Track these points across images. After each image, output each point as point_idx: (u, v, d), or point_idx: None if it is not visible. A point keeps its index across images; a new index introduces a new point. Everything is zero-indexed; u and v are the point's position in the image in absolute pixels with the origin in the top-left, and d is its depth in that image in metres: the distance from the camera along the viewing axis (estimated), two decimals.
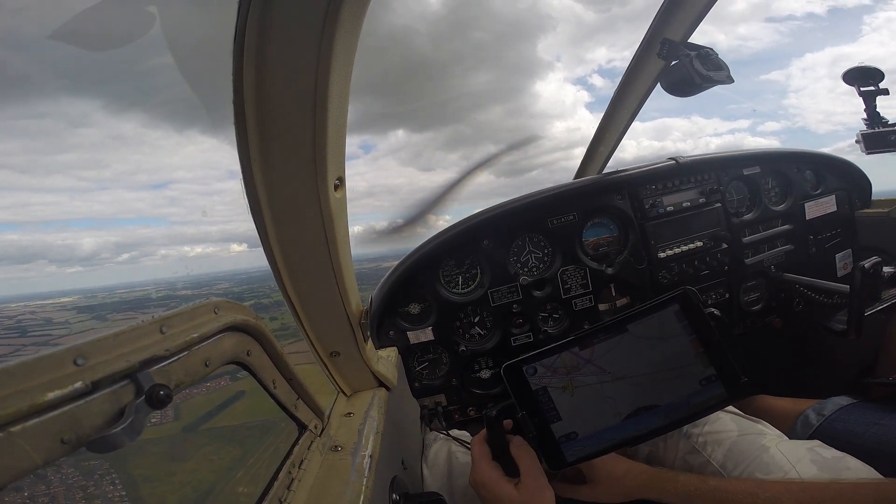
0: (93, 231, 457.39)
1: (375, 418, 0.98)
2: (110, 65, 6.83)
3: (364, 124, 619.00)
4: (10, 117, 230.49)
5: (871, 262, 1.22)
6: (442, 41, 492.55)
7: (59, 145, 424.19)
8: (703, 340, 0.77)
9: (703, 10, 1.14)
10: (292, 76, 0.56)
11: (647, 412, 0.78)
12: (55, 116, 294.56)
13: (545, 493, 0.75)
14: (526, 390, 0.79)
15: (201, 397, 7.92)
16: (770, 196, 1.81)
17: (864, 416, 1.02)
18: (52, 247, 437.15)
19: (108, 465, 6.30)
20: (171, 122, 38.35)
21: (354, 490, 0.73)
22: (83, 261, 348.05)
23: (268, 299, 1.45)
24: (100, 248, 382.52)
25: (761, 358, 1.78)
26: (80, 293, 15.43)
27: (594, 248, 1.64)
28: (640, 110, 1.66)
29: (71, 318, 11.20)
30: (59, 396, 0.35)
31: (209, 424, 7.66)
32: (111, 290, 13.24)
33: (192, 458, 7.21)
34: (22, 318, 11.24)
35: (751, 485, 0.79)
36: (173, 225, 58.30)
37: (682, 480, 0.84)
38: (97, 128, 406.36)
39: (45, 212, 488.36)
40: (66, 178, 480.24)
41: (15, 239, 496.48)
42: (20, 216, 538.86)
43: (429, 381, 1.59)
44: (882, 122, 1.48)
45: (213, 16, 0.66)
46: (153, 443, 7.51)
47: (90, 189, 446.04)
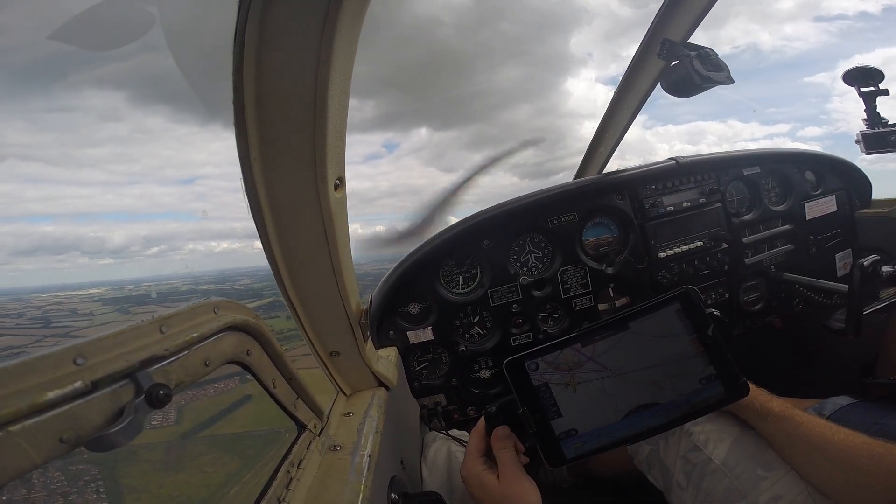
0: (124, 224, 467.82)
1: (375, 418, 0.98)
2: (131, 55, 6.84)
3: (388, 121, 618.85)
4: (41, 110, 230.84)
5: (869, 260, 1.22)
6: (469, 33, 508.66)
7: (89, 139, 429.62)
8: (703, 340, 0.77)
9: (703, 11, 1.14)
10: (292, 76, 0.56)
11: (647, 410, 0.78)
12: (84, 110, 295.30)
13: (524, 484, 0.75)
14: (527, 386, 0.79)
15: (208, 399, 7.51)
16: (770, 196, 1.81)
17: (863, 415, 1.02)
18: (85, 238, 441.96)
19: (97, 472, 5.92)
20: (196, 117, 39.15)
21: (353, 489, 0.73)
22: (114, 253, 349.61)
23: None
24: (130, 241, 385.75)
25: (761, 358, 1.78)
26: (109, 285, 15.32)
27: (594, 247, 1.64)
28: (640, 110, 1.66)
29: (96, 310, 11.06)
30: (58, 396, 0.35)
31: (210, 431, 7.14)
32: (138, 283, 13.17)
33: (185, 469, 6.69)
34: (49, 308, 11.12)
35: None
36: (200, 220, 58.22)
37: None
38: (125, 122, 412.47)
39: (78, 204, 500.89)
40: (97, 171, 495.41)
41: (50, 230, 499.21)
42: (55, 208, 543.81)
43: (428, 380, 1.59)
44: (882, 122, 1.48)
45: (213, 16, 0.66)
46: (148, 448, 7.13)
47: (121, 183, 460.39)
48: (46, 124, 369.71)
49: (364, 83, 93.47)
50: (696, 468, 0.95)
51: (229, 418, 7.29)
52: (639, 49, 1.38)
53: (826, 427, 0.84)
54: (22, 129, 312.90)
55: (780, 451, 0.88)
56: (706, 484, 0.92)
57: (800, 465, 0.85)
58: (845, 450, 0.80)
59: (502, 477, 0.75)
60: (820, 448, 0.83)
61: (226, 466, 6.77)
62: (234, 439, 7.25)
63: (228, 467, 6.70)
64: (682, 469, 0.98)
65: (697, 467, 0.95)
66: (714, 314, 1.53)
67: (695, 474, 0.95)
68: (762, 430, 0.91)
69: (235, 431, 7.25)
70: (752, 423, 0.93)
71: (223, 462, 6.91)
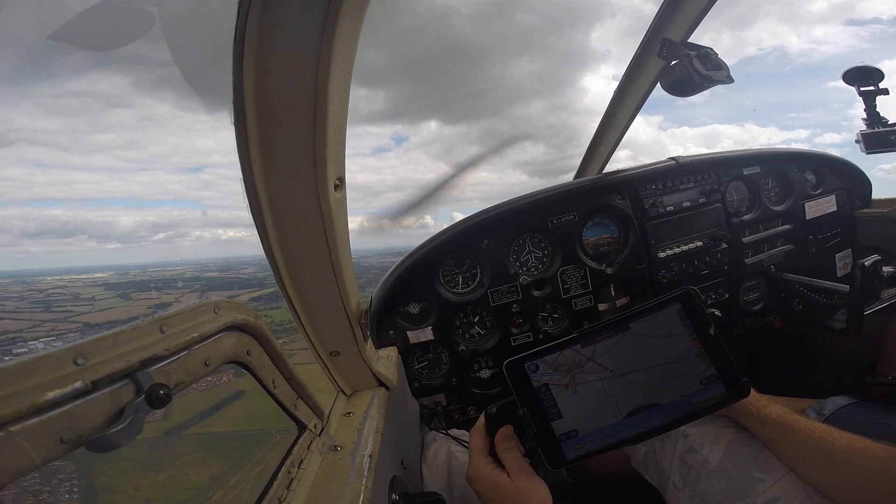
0: (132, 211, 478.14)
1: (375, 418, 0.98)
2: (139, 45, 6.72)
3: (397, 113, 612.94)
4: (52, 95, 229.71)
5: (871, 259, 1.22)
6: (484, 23, 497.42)
7: (97, 124, 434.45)
8: (704, 340, 0.77)
9: (703, 11, 1.14)
10: (292, 76, 0.56)
11: (647, 411, 0.78)
12: (93, 95, 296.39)
13: (536, 481, 0.75)
14: (527, 387, 0.79)
15: (198, 394, 7.09)
16: (770, 196, 1.81)
17: (864, 415, 1.02)
18: (93, 223, 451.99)
19: (73, 469, 5.52)
20: (203, 104, 39.34)
21: (354, 490, 0.73)
22: (121, 238, 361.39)
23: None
24: (137, 227, 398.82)
25: (761, 358, 1.78)
26: (114, 269, 15.16)
27: (594, 247, 1.64)
28: (640, 110, 1.66)
29: (97, 295, 10.94)
30: (58, 396, 0.35)
31: (198, 428, 6.62)
32: (143, 268, 13.04)
33: (167, 469, 6.16)
34: (52, 292, 11.02)
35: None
36: (208, 208, 58.05)
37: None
38: (133, 108, 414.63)
39: (87, 189, 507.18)
40: (106, 157, 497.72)
41: (58, 214, 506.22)
42: (63, 193, 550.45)
43: (429, 380, 1.59)
44: (882, 122, 1.48)
45: (213, 16, 0.66)
46: (131, 445, 6.86)
47: (129, 169, 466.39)
48: (56, 109, 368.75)
49: (375, 73, 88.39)
50: (692, 470, 0.95)
51: (219, 415, 6.86)
52: (639, 49, 1.38)
53: (826, 431, 0.84)
54: (31, 115, 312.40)
55: (780, 456, 0.88)
56: (702, 486, 0.92)
57: (801, 470, 0.85)
58: (847, 454, 0.79)
59: (514, 475, 0.75)
60: (821, 453, 0.82)
61: (210, 468, 6.35)
62: (222, 439, 6.86)
63: (213, 469, 6.29)
64: (679, 470, 0.97)
65: (693, 469, 0.95)
66: (715, 314, 1.54)
67: (691, 476, 0.95)
68: (760, 434, 0.91)
69: (224, 430, 6.84)
70: (749, 428, 0.93)
71: (207, 463, 6.49)
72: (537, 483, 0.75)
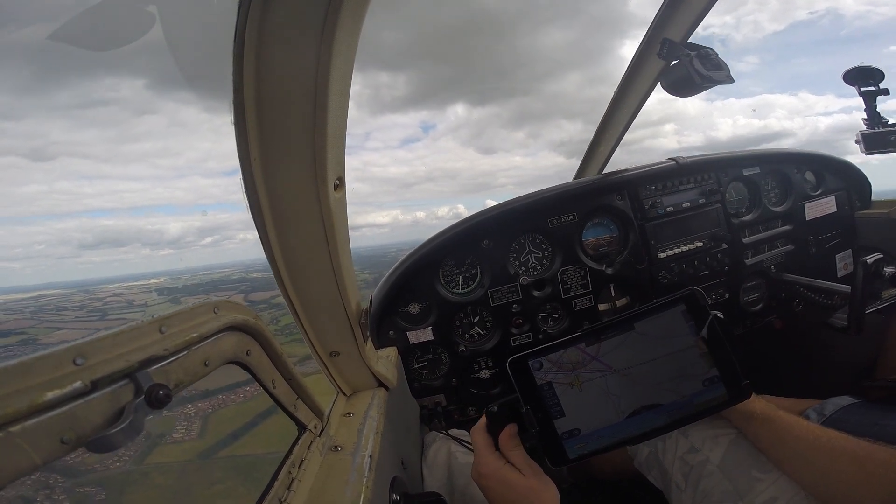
0: (178, 217, 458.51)
1: (375, 418, 0.98)
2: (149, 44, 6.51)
3: (421, 98, 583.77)
4: (78, 106, 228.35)
5: (873, 257, 1.22)
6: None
7: (130, 133, 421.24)
8: (707, 341, 0.77)
9: (703, 10, 1.14)
10: (292, 76, 0.56)
11: (649, 411, 0.78)
12: (121, 104, 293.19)
13: (544, 478, 0.76)
14: (530, 385, 0.79)
15: (235, 407, 6.85)
16: (770, 197, 1.81)
17: (864, 416, 1.02)
18: (144, 231, 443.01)
19: (104, 497, 5.20)
20: (226, 104, 38.02)
21: (354, 490, 0.73)
22: (171, 243, 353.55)
23: None
24: (185, 232, 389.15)
25: (761, 358, 1.78)
26: (167, 275, 15.22)
27: (594, 248, 1.64)
28: (640, 110, 1.67)
29: (150, 301, 11.02)
30: (58, 396, 0.35)
31: (230, 450, 6.28)
32: (194, 272, 13.11)
33: (196, 499, 5.79)
34: (109, 300, 11.11)
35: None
36: (247, 210, 56.43)
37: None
38: (160, 114, 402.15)
39: (133, 198, 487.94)
40: (145, 166, 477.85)
41: (110, 224, 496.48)
42: (111, 203, 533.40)
43: (429, 381, 1.59)
44: (882, 122, 1.48)
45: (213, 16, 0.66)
46: (161, 471, 6.36)
47: (169, 177, 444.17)
48: (85, 120, 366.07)
49: (394, 54, 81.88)
50: (693, 469, 0.95)
51: (253, 433, 6.56)
52: (639, 49, 1.38)
53: (818, 430, 0.83)
54: (64, 127, 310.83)
55: (767, 453, 0.88)
56: (703, 485, 0.92)
57: (788, 467, 0.85)
58: (834, 453, 0.79)
59: (525, 473, 0.75)
60: (807, 451, 0.82)
61: (240, 500, 5.97)
62: (254, 462, 6.48)
63: (243, 501, 5.93)
64: (680, 470, 0.98)
65: (695, 469, 0.95)
66: (718, 316, 1.54)
67: (692, 475, 0.95)
68: (746, 431, 0.91)
69: (256, 453, 6.49)
70: (736, 424, 0.93)
71: (239, 493, 6.12)
72: (547, 481, 0.76)
